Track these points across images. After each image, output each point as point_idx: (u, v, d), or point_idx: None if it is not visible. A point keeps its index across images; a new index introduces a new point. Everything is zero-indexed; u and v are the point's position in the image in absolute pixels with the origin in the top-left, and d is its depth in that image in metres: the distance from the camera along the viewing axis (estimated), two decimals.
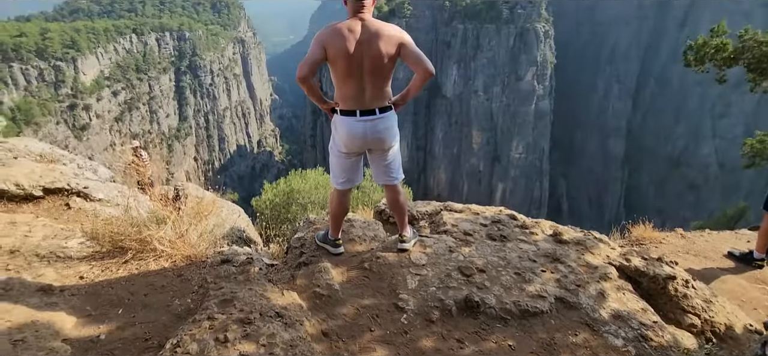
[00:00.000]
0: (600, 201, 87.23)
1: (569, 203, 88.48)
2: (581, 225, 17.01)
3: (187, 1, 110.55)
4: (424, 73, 2.57)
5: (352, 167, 2.85)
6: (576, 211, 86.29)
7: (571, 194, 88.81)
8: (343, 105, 2.66)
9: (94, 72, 71.20)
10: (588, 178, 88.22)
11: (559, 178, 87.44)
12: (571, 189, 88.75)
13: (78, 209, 3.18)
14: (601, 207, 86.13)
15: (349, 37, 2.49)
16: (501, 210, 3.60)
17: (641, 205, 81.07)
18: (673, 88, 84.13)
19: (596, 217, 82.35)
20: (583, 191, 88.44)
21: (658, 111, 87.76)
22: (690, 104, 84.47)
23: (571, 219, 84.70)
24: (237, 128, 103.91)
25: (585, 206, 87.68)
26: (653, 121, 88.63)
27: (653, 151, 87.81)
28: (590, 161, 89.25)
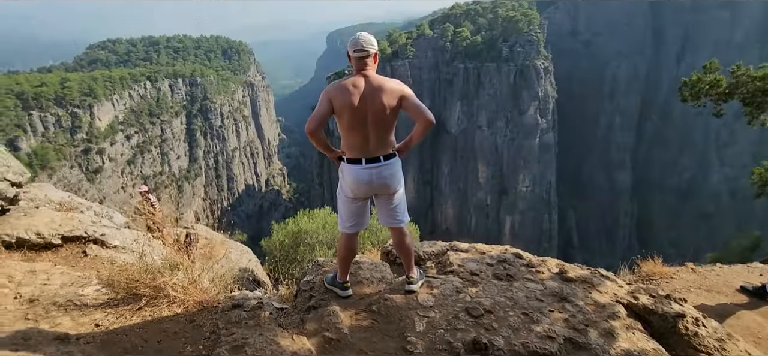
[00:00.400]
0: (611, 234, 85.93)
1: (580, 236, 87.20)
2: (593, 259, 17.01)
3: (200, 48, 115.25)
4: (425, 122, 2.74)
5: (359, 211, 2.97)
6: (587, 245, 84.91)
7: (581, 227, 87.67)
8: (350, 153, 2.82)
9: (109, 117, 73.40)
10: (597, 211, 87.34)
11: (568, 210, 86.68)
12: (581, 222, 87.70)
13: (94, 256, 3.27)
14: (613, 240, 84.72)
15: (354, 92, 2.68)
16: (507, 249, 3.62)
17: (654, 237, 79.66)
18: (675, 119, 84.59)
19: (608, 251, 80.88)
20: (593, 224, 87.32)
21: (663, 142, 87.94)
22: (694, 135, 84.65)
23: (583, 252, 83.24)
24: (245, 168, 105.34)
25: (596, 239, 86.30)
26: (658, 152, 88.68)
27: (661, 182, 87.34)
28: (598, 194, 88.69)
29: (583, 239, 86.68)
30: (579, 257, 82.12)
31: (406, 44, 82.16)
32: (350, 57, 2.86)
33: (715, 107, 6.75)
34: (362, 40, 2.82)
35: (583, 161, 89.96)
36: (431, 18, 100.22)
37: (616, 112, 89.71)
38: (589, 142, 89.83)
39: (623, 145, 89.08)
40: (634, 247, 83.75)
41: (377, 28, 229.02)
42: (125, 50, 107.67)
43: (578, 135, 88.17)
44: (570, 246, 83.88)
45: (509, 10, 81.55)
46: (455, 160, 79.53)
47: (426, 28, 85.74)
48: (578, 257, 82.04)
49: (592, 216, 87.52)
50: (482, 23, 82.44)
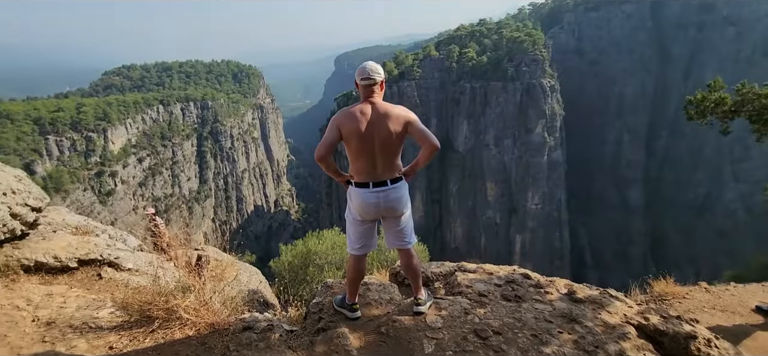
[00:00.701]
0: (625, 252, 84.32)
1: (593, 254, 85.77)
2: (608, 277, 16.71)
3: (211, 73, 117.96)
4: (430, 147, 2.83)
5: (367, 233, 3.04)
6: (601, 263, 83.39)
7: (593, 245, 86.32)
8: (358, 177, 2.91)
9: (122, 140, 74.93)
10: (609, 229, 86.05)
11: (579, 228, 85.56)
12: (594, 241, 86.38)
13: (109, 279, 3.34)
14: (627, 259, 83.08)
15: (361, 119, 2.79)
16: (514, 270, 3.62)
17: (670, 255, 78.01)
18: (687, 135, 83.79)
19: (622, 269, 79.23)
20: (606, 242, 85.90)
21: (674, 159, 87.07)
22: (707, 151, 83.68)
23: (596, 271, 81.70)
24: (254, 189, 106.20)
25: (609, 257, 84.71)
26: (670, 169, 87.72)
27: (674, 199, 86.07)
28: (610, 211, 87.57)
29: (597, 257, 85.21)
30: (593, 276, 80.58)
31: (412, 65, 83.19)
32: (358, 84, 2.97)
33: (722, 124, 6.72)
34: (369, 69, 2.94)
35: (593, 179, 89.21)
36: (437, 40, 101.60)
37: (625, 130, 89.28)
38: (598, 160, 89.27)
39: (634, 161, 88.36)
40: (650, 265, 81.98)
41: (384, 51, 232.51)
42: (139, 76, 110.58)
43: (587, 152, 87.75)
44: (583, 265, 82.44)
45: (513, 30, 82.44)
46: (463, 178, 79.34)
47: (432, 49, 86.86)
48: (592, 276, 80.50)
49: (604, 234, 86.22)
50: (487, 44, 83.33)
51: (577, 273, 79.14)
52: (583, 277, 78.23)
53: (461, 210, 79.82)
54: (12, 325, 2.62)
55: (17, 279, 3.09)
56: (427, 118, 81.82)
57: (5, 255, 3.17)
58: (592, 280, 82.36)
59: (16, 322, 2.65)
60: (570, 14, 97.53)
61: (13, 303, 2.80)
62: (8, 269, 3.10)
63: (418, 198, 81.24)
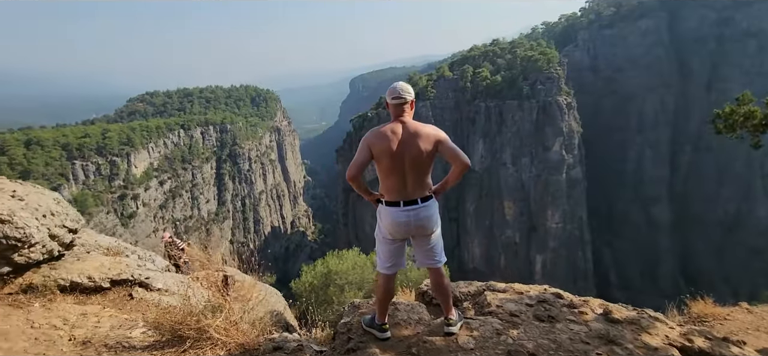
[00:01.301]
0: (653, 272, 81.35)
1: (618, 274, 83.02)
2: (636, 298, 16.09)
3: (230, 98, 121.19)
4: (461, 165, 2.87)
5: (397, 252, 3.03)
6: (627, 283, 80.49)
7: (619, 265, 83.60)
8: (388, 196, 2.93)
9: (145, 164, 77.07)
10: (635, 248, 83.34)
11: (603, 248, 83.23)
12: (619, 260, 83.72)
13: (140, 299, 3.40)
14: (656, 279, 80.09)
15: (392, 138, 2.81)
16: (545, 289, 3.52)
17: (702, 274, 75.05)
18: (713, 149, 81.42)
19: (651, 289, 76.37)
20: (632, 262, 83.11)
21: (700, 175, 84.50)
22: (736, 165, 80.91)
23: (624, 292, 78.67)
24: (272, 210, 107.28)
25: (637, 278, 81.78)
26: (696, 185, 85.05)
27: (702, 216, 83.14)
28: (634, 230, 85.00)
29: (623, 278, 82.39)
30: (620, 296, 76.42)
31: (426, 86, 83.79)
32: (388, 104, 3.00)
33: (752, 138, 6.52)
34: (400, 88, 2.97)
35: (614, 196, 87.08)
36: (450, 60, 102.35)
37: (647, 146, 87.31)
38: (619, 177, 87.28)
39: (657, 178, 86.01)
40: (680, 285, 78.79)
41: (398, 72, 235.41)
42: (162, 102, 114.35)
43: (607, 170, 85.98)
44: (608, 285, 79.78)
45: (527, 49, 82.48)
46: (480, 198, 78.46)
47: (445, 70, 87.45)
48: (619, 296, 76.32)
49: (629, 254, 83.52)
50: (501, 63, 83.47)
51: (604, 294, 75.68)
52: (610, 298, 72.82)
53: (479, 229, 78.70)
54: (50, 344, 2.68)
55: (54, 298, 3.18)
56: None
57: (43, 275, 3.28)
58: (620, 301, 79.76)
59: (54, 341, 2.71)
60: (584, 32, 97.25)
61: (50, 322, 2.87)
62: (46, 289, 3.19)
63: None
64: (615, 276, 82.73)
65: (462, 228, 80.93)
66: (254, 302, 6.06)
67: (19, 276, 3.22)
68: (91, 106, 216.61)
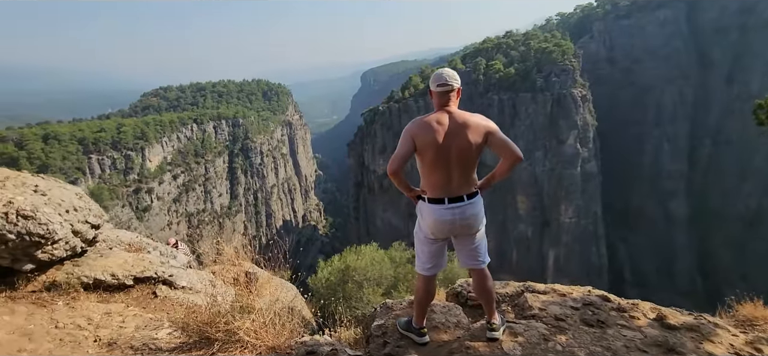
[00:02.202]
0: (669, 268, 79.88)
1: (632, 271, 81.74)
2: (651, 295, 15.64)
3: (242, 92, 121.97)
4: (512, 158, 2.65)
5: (439, 252, 2.85)
6: (642, 280, 79.24)
7: (634, 261, 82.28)
8: (431, 192, 2.72)
9: (159, 158, 78.15)
10: (651, 243, 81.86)
11: (618, 243, 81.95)
12: (634, 256, 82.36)
13: (164, 297, 3.30)
14: (672, 275, 78.67)
15: (438, 129, 2.60)
16: (590, 291, 3.32)
17: (719, 271, 73.57)
18: (734, 143, 79.33)
19: (667, 286, 75.10)
20: (647, 258, 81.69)
21: (720, 169, 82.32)
22: (756, 159, 78.64)
23: (639, 289, 77.45)
24: (283, 204, 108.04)
25: (652, 274, 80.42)
26: (715, 179, 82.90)
27: (721, 211, 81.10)
28: (650, 225, 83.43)
29: (637, 274, 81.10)
30: (634, 294, 75.81)
31: None
32: (432, 92, 2.80)
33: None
34: (446, 75, 2.76)
35: (630, 191, 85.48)
36: (463, 53, 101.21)
37: (664, 139, 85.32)
38: (636, 171, 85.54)
39: (675, 172, 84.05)
40: (697, 282, 77.36)
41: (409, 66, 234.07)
42: (175, 96, 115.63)
43: (623, 164, 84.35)
44: (622, 281, 78.67)
45: (541, 41, 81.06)
46: (493, 192, 77.55)
47: (458, 62, 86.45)
48: (633, 294, 75.80)
49: (645, 249, 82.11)
50: (514, 56, 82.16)
51: (618, 291, 75.35)
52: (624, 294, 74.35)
53: (491, 224, 77.87)
54: (75, 345, 2.59)
55: (77, 297, 3.09)
56: None
57: (66, 272, 3.19)
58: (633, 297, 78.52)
59: (79, 342, 2.62)
60: (600, 23, 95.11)
61: (75, 322, 2.78)
62: (69, 287, 3.11)
63: None
64: (629, 272, 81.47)
65: None
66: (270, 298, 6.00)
67: (42, 273, 3.15)
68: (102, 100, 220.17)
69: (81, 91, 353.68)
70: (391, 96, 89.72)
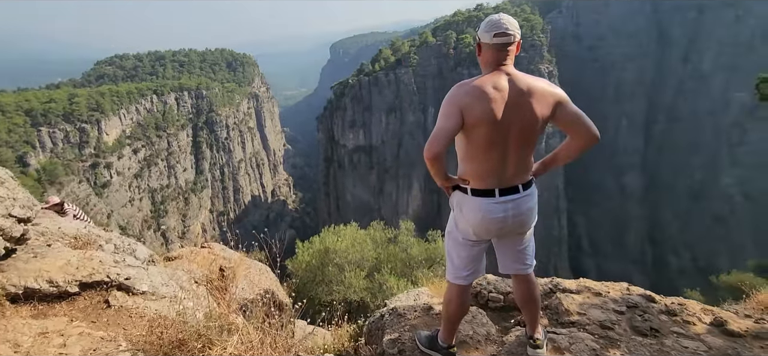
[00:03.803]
0: (622, 238, 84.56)
1: (590, 241, 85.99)
2: (605, 263, 16.11)
3: (205, 62, 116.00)
4: (587, 137, 2.12)
5: (478, 256, 2.30)
6: (598, 249, 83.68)
7: (591, 232, 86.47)
8: (478, 182, 2.13)
9: (117, 132, 73.74)
10: (607, 215, 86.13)
11: (578, 216, 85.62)
12: (591, 228, 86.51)
13: (119, 307, 2.64)
14: (625, 245, 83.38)
15: (496, 98, 1.96)
16: (628, 289, 2.95)
17: (667, 241, 78.47)
18: (685, 120, 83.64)
19: (620, 255, 79.72)
20: (603, 229, 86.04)
21: (672, 144, 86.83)
22: (705, 135, 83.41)
23: (594, 258, 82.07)
24: (251, 179, 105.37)
25: (607, 244, 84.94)
26: (668, 155, 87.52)
27: (672, 185, 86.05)
28: (608, 198, 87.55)
29: (594, 244, 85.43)
30: (590, 263, 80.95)
31: (409, 52, 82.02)
32: (483, 46, 2.12)
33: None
34: (506, 22, 2.06)
35: (591, 166, 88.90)
36: (433, 26, 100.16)
37: (623, 116, 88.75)
38: (597, 147, 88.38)
39: (632, 148, 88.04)
40: (647, 252, 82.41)
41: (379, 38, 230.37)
42: (132, 65, 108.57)
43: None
44: (581, 251, 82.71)
45: (512, 15, 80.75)
46: None
47: (428, 35, 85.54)
48: (589, 263, 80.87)
49: (602, 221, 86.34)
50: None
51: (575, 261, 79.43)
52: (580, 264, 78.84)
53: None
54: None
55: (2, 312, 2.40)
56: (425, 105, 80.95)
57: None
58: (590, 267, 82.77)
59: None
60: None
61: None
62: None
63: (417, 187, 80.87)
64: (587, 243, 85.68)
65: (443, 197, 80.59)
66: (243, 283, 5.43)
67: None
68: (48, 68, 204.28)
69: (24, 58, 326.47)
70: (361, 69, 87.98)
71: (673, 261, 79.05)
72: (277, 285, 9.03)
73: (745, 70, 75.56)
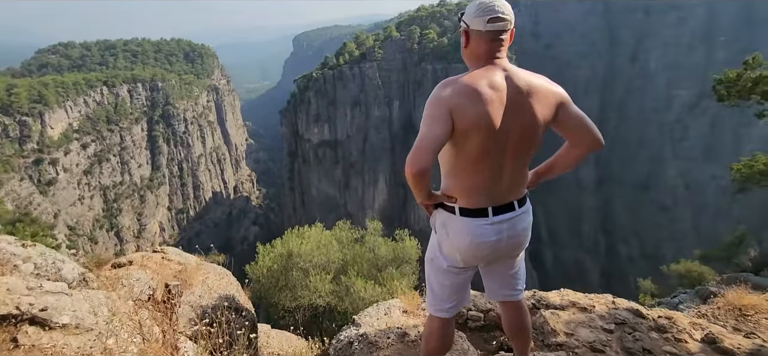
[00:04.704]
0: (578, 228, 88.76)
1: (548, 231, 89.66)
2: (562, 252, 16.60)
3: (160, 52, 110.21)
4: (591, 142, 1.86)
5: (464, 284, 1.99)
6: (556, 239, 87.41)
7: (550, 222, 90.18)
8: (467, 200, 1.80)
9: (63, 125, 68.89)
10: (564, 207, 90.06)
11: (537, 206, 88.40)
12: (550, 218, 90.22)
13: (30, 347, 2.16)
14: (580, 235, 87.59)
15: (493, 99, 1.63)
16: (614, 302, 2.80)
17: (618, 230, 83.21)
18: (632, 117, 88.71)
19: (576, 244, 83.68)
20: (561, 220, 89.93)
21: (622, 140, 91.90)
22: (650, 131, 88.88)
23: (552, 248, 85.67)
24: (212, 175, 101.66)
25: (564, 234, 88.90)
26: (619, 149, 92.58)
27: (622, 178, 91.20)
28: (565, 191, 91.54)
29: (552, 234, 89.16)
30: (548, 252, 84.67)
31: (373, 46, 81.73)
32: (469, 34, 1.77)
33: (759, 107, 6.14)
34: (499, 6, 1.69)
35: None
36: (398, 20, 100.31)
37: None
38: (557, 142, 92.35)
39: None
40: (600, 241, 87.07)
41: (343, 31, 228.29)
42: (79, 54, 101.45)
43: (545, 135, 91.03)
44: (539, 240, 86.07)
45: None
46: None
47: (393, 30, 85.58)
48: (548, 252, 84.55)
49: (559, 212, 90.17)
50: (448, 25, 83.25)
51: (536, 250, 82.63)
52: (539, 254, 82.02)
53: None
54: None
55: None
56: (390, 99, 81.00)
57: None
58: (548, 256, 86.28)
59: None
60: None
61: None
62: None
63: (382, 182, 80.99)
64: (545, 232, 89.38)
65: (409, 191, 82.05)
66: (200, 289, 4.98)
67: None
68: None
69: None
70: (325, 62, 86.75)
71: (623, 250, 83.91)
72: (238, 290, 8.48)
73: (687, 68, 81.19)
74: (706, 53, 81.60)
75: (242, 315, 6.95)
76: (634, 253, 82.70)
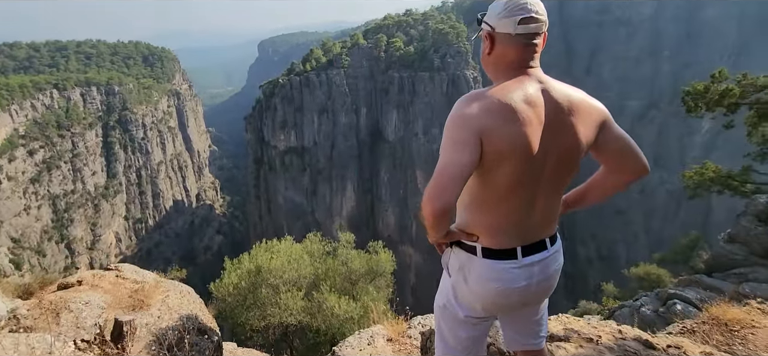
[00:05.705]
0: None
1: None
2: None
3: (117, 55, 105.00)
4: (637, 169, 1.58)
5: (481, 337, 1.71)
6: None
7: None
8: (492, 239, 1.51)
9: (7, 130, 64.16)
10: None
11: None
12: None
13: None
14: None
15: (531, 119, 1.36)
16: (621, 331, 2.66)
17: (578, 231, 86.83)
18: None
19: None
20: None
21: None
22: None
23: None
24: (173, 182, 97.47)
25: None
26: None
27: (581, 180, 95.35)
28: None
29: None
30: None
31: (340, 54, 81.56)
32: (494, 38, 1.52)
33: (726, 118, 6.40)
34: (533, 6, 1.47)
35: None
36: (364, 28, 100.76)
37: None
38: None
39: None
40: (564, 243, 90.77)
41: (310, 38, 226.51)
42: (26, 55, 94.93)
43: None
44: None
45: (438, 22, 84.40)
46: (394, 168, 79.96)
47: (360, 38, 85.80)
48: None
49: None
50: (414, 34, 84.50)
51: None
52: None
53: (393, 198, 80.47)
54: None
55: None
56: (358, 106, 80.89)
57: None
58: None
59: None
60: None
61: None
62: None
63: (350, 188, 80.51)
64: None
65: (376, 197, 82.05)
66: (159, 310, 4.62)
67: None
68: None
69: None
70: (292, 68, 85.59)
71: (582, 252, 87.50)
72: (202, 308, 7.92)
73: (635, 80, 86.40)
74: (653, 66, 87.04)
75: (206, 337, 6.45)
76: (591, 255, 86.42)
